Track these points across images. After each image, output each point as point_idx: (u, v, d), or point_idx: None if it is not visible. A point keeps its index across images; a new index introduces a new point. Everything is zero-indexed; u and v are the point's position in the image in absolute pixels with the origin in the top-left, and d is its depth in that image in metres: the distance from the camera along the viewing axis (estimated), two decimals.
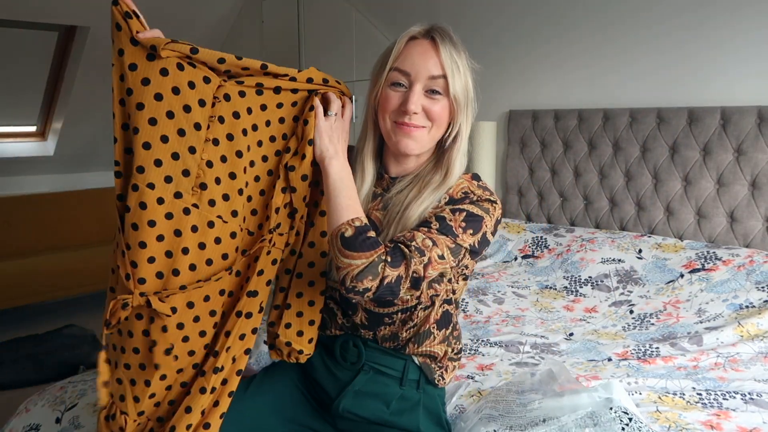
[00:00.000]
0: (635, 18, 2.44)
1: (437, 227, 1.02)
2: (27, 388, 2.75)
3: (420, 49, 1.06)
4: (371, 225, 1.10)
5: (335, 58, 3.45)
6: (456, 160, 1.10)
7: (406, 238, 1.01)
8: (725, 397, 1.42)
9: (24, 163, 4.21)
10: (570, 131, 2.61)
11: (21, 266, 3.55)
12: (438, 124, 1.08)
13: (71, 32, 3.66)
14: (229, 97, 1.01)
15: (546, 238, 2.50)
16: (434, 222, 1.03)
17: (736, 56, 2.22)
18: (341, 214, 0.99)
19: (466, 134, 1.11)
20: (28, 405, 1.50)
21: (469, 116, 1.10)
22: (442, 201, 1.09)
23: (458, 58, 1.06)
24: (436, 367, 1.18)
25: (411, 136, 1.07)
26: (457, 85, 1.05)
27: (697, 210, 2.28)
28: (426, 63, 1.05)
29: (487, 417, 1.17)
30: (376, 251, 0.96)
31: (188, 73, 0.96)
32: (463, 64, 1.07)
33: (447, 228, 1.02)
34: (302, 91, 1.10)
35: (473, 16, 2.93)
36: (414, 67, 1.06)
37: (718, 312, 1.90)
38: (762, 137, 2.11)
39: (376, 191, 1.16)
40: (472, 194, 1.09)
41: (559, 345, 1.80)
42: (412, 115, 1.06)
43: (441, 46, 1.05)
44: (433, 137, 1.10)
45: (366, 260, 0.94)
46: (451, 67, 1.05)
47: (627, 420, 1.05)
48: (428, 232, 1.01)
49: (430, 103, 1.06)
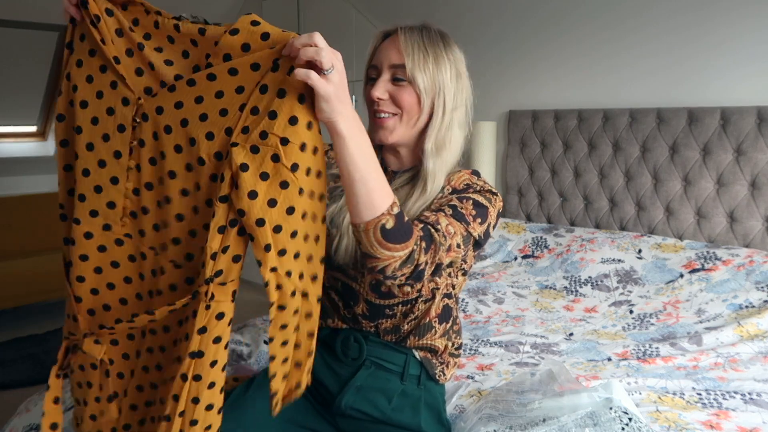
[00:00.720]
0: (635, 18, 2.44)
1: (451, 213, 1.01)
2: (27, 388, 2.75)
3: (388, 43, 1.10)
4: None
5: None
6: (427, 149, 1.08)
7: (432, 221, 0.97)
8: (725, 397, 1.42)
9: (24, 163, 4.21)
10: (570, 131, 2.61)
11: (21, 266, 3.55)
12: (407, 110, 1.08)
13: None
14: (147, 117, 0.91)
15: (546, 238, 2.50)
16: (447, 209, 1.02)
17: (736, 56, 2.22)
18: (376, 200, 0.86)
19: (441, 123, 1.08)
20: (28, 405, 1.49)
21: (447, 106, 1.09)
22: (446, 192, 1.10)
23: (428, 46, 1.07)
24: (437, 362, 1.19)
25: (383, 126, 1.09)
26: (416, 71, 1.06)
27: (697, 210, 2.28)
28: (389, 53, 1.08)
29: (487, 417, 1.17)
30: (414, 238, 0.91)
31: (107, 91, 0.91)
32: (434, 53, 1.07)
33: (460, 215, 1.01)
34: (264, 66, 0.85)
35: (473, 17, 2.93)
36: (379, 59, 1.10)
37: (718, 312, 1.90)
38: (762, 137, 2.12)
39: None
40: (474, 185, 1.11)
41: (559, 345, 1.80)
42: (379, 102, 1.08)
43: (402, 36, 1.07)
44: (407, 125, 1.10)
45: (408, 250, 0.90)
46: (411, 54, 1.06)
47: (627, 420, 1.05)
48: (446, 217, 1.00)
49: (396, 89, 1.08)
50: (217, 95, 0.86)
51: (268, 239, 0.83)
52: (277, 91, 0.83)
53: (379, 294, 1.13)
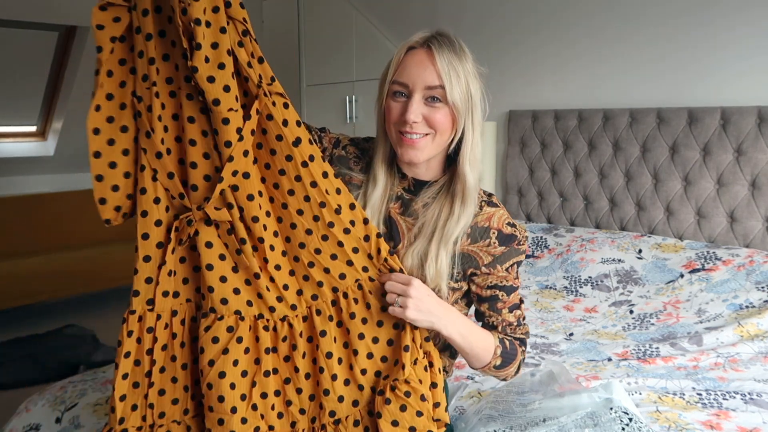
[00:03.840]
0: (635, 18, 2.44)
1: (505, 296, 1.14)
2: (27, 388, 2.75)
3: (417, 59, 1.06)
4: (393, 228, 1.12)
5: (335, 58, 3.45)
6: (465, 166, 1.10)
7: (511, 323, 1.14)
8: (725, 397, 1.42)
9: (24, 163, 4.20)
10: (570, 131, 2.61)
11: (21, 266, 3.55)
12: (441, 130, 1.08)
13: (71, 32, 3.66)
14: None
15: (546, 238, 2.50)
16: (501, 293, 1.13)
17: (736, 56, 2.22)
18: (483, 357, 1.09)
19: (473, 139, 1.10)
20: (29, 405, 1.50)
21: (476, 121, 1.10)
22: (493, 236, 1.11)
23: (458, 64, 1.06)
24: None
25: (415, 147, 1.08)
26: (455, 93, 1.05)
27: (697, 210, 2.28)
28: (423, 73, 1.05)
29: (487, 417, 1.17)
30: (517, 351, 1.13)
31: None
32: (464, 70, 1.06)
33: (510, 290, 1.14)
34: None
35: (473, 17, 2.93)
36: (411, 78, 1.06)
37: (718, 312, 1.90)
38: (762, 137, 2.11)
39: (398, 192, 1.16)
40: (517, 232, 1.13)
41: (559, 345, 1.80)
42: (413, 124, 1.06)
43: (437, 55, 1.04)
44: (438, 144, 1.09)
45: (517, 364, 1.13)
46: (449, 75, 1.04)
47: (627, 420, 1.05)
48: (504, 304, 1.14)
49: (430, 111, 1.06)
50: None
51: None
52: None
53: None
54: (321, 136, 1.24)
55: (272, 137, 0.95)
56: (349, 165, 1.20)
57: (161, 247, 0.95)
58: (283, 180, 0.97)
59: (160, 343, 0.97)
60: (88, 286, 3.79)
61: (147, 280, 0.95)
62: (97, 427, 1.37)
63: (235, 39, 0.90)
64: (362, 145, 1.24)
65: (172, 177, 0.94)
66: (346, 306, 1.00)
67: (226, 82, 0.88)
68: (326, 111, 3.54)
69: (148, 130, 0.92)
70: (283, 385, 0.99)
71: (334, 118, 3.47)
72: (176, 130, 0.94)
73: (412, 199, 1.14)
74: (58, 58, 3.81)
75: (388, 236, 1.13)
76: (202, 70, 0.86)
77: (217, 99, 0.88)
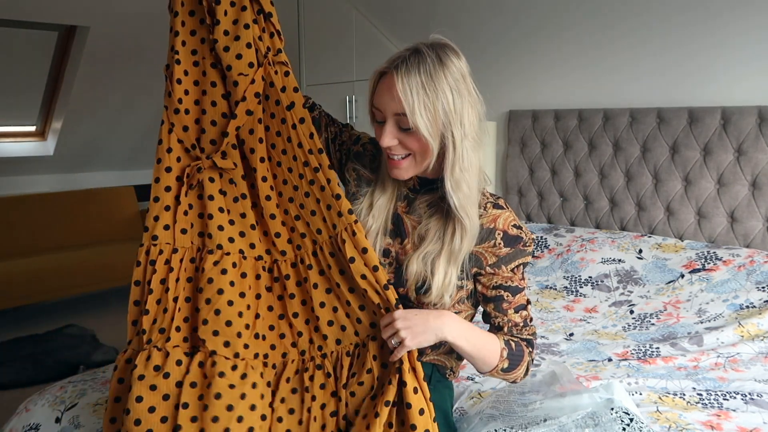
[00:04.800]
0: (635, 18, 2.44)
1: (512, 294, 1.13)
2: (27, 387, 2.75)
3: (387, 84, 1.04)
4: (400, 225, 1.14)
5: (335, 58, 3.45)
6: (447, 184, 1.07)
7: (517, 323, 1.14)
8: (725, 398, 1.42)
9: (24, 163, 4.20)
10: (570, 131, 2.60)
11: (21, 266, 3.54)
12: (417, 153, 1.08)
13: (71, 32, 3.66)
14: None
15: (546, 238, 2.50)
16: (507, 294, 1.13)
17: (736, 56, 2.22)
18: (490, 361, 1.10)
19: (454, 156, 1.06)
20: (28, 405, 1.49)
21: (457, 136, 1.05)
22: (498, 237, 1.11)
23: (426, 82, 1.01)
24: (447, 364, 1.23)
25: (399, 168, 1.10)
26: (418, 119, 1.01)
27: (698, 210, 2.28)
28: (389, 101, 1.04)
29: (488, 416, 1.17)
30: (524, 352, 1.12)
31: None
32: (436, 88, 1.01)
33: (516, 290, 1.14)
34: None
35: (473, 16, 2.93)
36: (381, 104, 1.06)
37: (719, 312, 1.90)
38: (762, 137, 2.11)
39: (403, 191, 1.19)
40: (523, 234, 1.13)
41: (559, 345, 1.80)
42: (391, 148, 1.08)
43: (398, 82, 1.01)
44: (422, 162, 1.09)
45: (525, 365, 1.13)
46: (412, 101, 1.01)
47: (628, 420, 1.05)
48: (510, 305, 1.13)
49: (404, 136, 1.06)
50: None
51: None
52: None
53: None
54: (342, 131, 1.30)
55: (272, 102, 1.10)
56: (364, 162, 1.24)
57: (169, 191, 1.08)
58: (278, 141, 1.11)
59: (174, 275, 1.07)
60: (88, 286, 3.79)
61: (155, 218, 1.07)
62: (97, 427, 1.37)
63: (251, 17, 1.07)
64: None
65: (187, 130, 1.09)
66: (322, 258, 1.10)
67: (239, 51, 1.06)
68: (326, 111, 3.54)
69: (169, 91, 1.09)
70: (277, 321, 1.11)
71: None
72: (196, 94, 1.10)
73: (417, 198, 1.16)
74: (58, 58, 3.81)
75: (395, 233, 1.15)
76: (220, 42, 1.06)
77: (229, 65, 1.06)
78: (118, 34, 3.61)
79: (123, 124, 4.40)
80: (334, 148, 1.30)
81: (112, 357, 3.01)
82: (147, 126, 4.49)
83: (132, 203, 4.49)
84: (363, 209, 1.17)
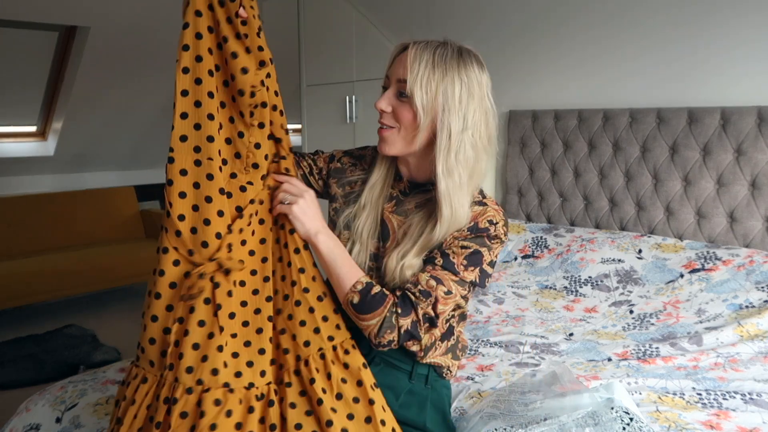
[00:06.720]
0: (635, 18, 2.44)
1: (441, 264, 1.08)
2: (27, 387, 2.75)
3: (402, 56, 1.10)
4: (385, 227, 1.16)
5: (335, 58, 3.45)
6: (438, 168, 1.06)
7: (411, 282, 1.08)
8: (725, 397, 1.42)
9: (24, 163, 4.21)
10: (570, 131, 2.61)
11: (21, 266, 3.55)
12: (405, 126, 1.09)
13: (71, 32, 3.66)
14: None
15: (546, 238, 2.50)
16: (438, 258, 1.08)
17: (736, 56, 2.22)
18: (344, 284, 1.07)
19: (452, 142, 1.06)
20: (29, 405, 1.50)
21: (453, 124, 1.05)
22: (467, 227, 1.10)
23: (437, 63, 1.04)
24: (444, 364, 1.23)
25: (382, 138, 1.12)
26: (417, 89, 1.04)
27: (697, 210, 2.28)
28: (398, 67, 1.09)
29: (488, 415, 1.17)
30: (385, 306, 1.05)
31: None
32: (444, 70, 1.05)
33: (449, 264, 1.08)
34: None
35: (473, 16, 2.93)
36: (392, 71, 1.11)
37: (718, 312, 1.90)
38: (762, 137, 2.12)
39: (393, 193, 1.20)
40: (494, 227, 1.10)
41: (559, 345, 1.80)
42: (382, 114, 1.11)
43: (411, 51, 1.06)
44: (405, 139, 1.10)
45: (380, 317, 1.05)
46: (417, 71, 1.04)
47: (628, 420, 1.05)
48: (433, 270, 1.08)
49: (398, 104, 1.09)
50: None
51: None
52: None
53: (407, 352, 1.18)
54: (315, 159, 1.29)
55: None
56: (346, 173, 1.26)
57: (174, 287, 1.00)
58: (277, 249, 1.09)
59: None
60: (88, 286, 3.79)
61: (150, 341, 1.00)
62: (97, 428, 1.37)
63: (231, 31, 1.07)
64: (356, 153, 1.29)
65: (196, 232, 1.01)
66: (307, 374, 1.01)
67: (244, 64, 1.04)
68: (326, 111, 3.53)
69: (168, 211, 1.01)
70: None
71: (334, 118, 3.47)
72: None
73: (405, 200, 1.18)
74: (58, 58, 3.81)
75: (380, 234, 1.17)
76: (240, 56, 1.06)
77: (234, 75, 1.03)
78: (118, 34, 3.61)
79: (123, 124, 4.40)
80: (314, 179, 1.30)
81: (112, 357, 3.01)
82: (147, 126, 4.50)
83: (132, 203, 4.49)
84: (353, 215, 1.19)
